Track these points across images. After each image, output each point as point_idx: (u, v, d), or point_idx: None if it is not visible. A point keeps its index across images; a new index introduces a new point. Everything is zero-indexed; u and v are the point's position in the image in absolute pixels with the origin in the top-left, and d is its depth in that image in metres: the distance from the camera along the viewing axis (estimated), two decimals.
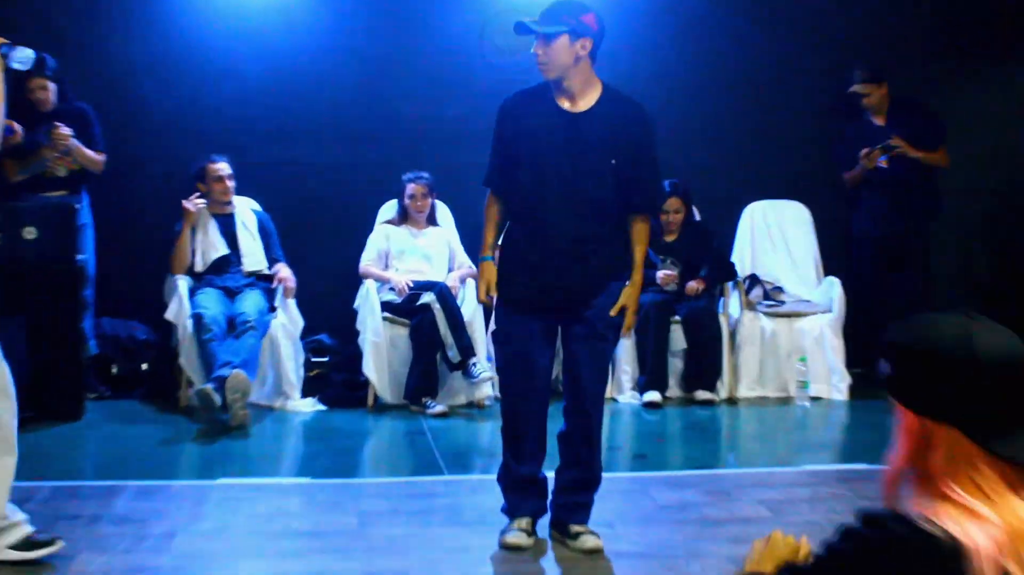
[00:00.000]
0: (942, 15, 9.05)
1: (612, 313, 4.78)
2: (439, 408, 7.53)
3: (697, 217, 8.44)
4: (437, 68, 8.54)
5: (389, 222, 8.14)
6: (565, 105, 4.76)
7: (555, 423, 4.96)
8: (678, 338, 8.13)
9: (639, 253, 4.86)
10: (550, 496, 4.99)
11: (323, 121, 8.45)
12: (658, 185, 4.98)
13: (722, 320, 8.21)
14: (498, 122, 4.87)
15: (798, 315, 8.35)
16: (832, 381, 8.16)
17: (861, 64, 8.56)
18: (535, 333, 4.82)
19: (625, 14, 8.62)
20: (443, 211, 8.26)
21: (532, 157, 4.75)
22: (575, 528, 4.87)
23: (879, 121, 8.55)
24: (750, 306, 8.39)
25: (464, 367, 7.57)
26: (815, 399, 8.00)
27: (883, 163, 8.35)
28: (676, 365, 8.18)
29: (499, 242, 4.94)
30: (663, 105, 8.27)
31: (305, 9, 8.44)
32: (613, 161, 4.73)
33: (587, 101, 4.76)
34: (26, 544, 4.37)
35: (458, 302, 7.71)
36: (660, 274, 8.08)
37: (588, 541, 4.81)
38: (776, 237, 8.88)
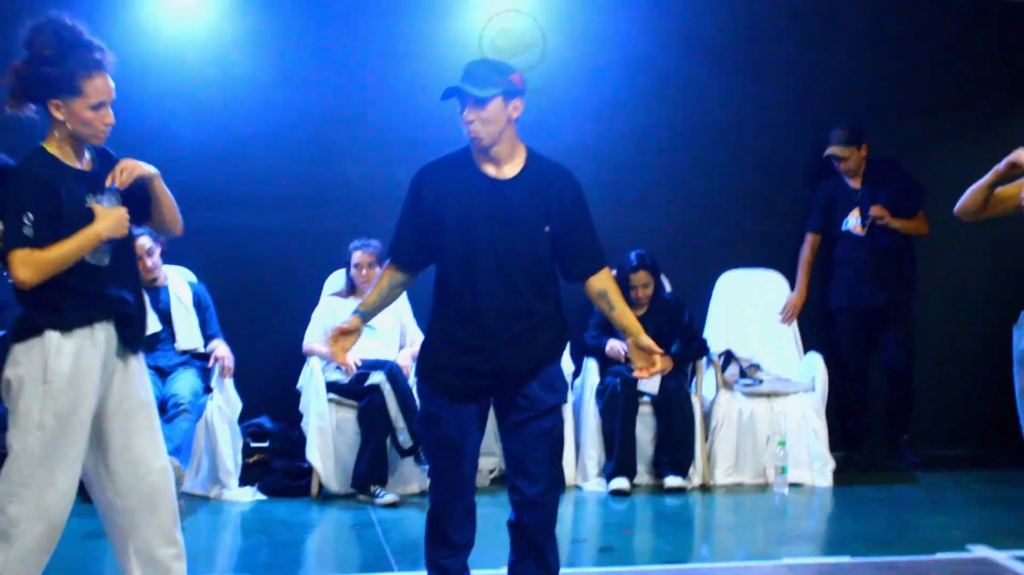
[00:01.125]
0: (923, 71, 9.04)
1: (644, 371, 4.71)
2: (389, 497, 7.30)
3: (668, 289, 8.23)
4: (386, 127, 8.35)
5: (336, 295, 7.90)
6: (491, 172, 4.61)
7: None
8: (647, 420, 7.89)
9: (618, 298, 4.75)
10: None
11: (264, 184, 8.21)
12: (600, 246, 4.75)
13: (694, 400, 7.93)
14: (413, 192, 4.68)
15: (777, 394, 8.07)
16: (814, 466, 7.90)
17: (840, 124, 8.42)
18: (464, 416, 4.65)
19: (592, 71, 8.69)
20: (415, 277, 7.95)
21: (459, 229, 4.58)
22: None
23: (855, 184, 8.43)
24: (726, 385, 8.14)
25: (416, 453, 7.40)
26: (795, 486, 7.76)
27: (858, 230, 8.22)
28: (645, 449, 7.93)
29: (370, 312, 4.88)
30: (631, 166, 8.76)
31: (244, 62, 8.22)
32: (547, 228, 4.60)
33: (513, 167, 4.63)
34: None
35: (410, 382, 7.42)
36: (610, 345, 7.89)
37: None
38: (752, 309, 8.65)
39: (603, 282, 4.72)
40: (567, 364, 7.56)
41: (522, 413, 4.62)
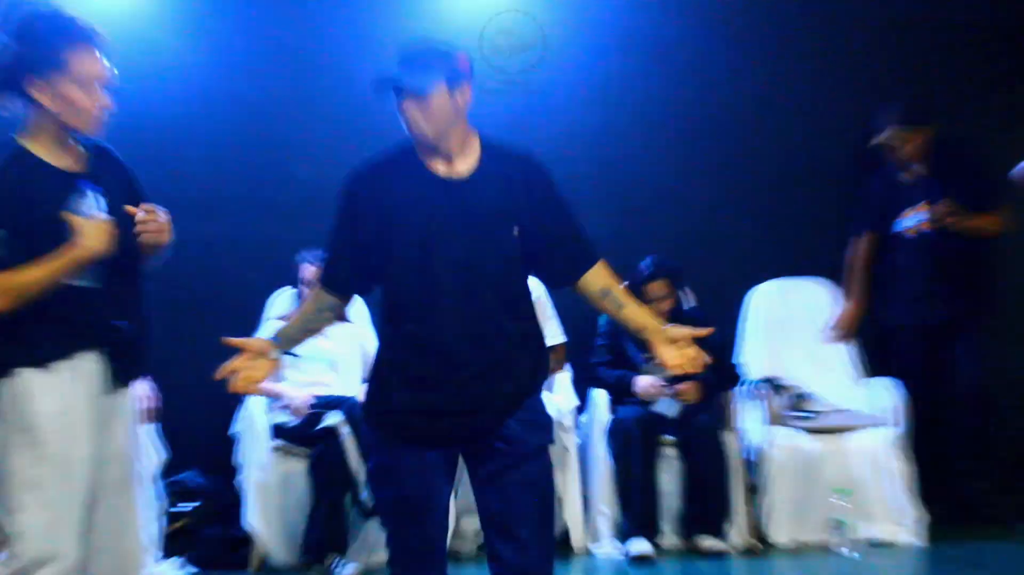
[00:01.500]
0: (994, 40, 8.30)
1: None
2: (350, 568, 6.63)
3: (691, 303, 7.56)
4: (340, 121, 7.90)
5: (283, 318, 7.22)
6: (441, 170, 4.23)
7: None
8: (671, 464, 7.20)
9: (625, 294, 4.35)
10: None
11: (195, 184, 7.67)
12: (587, 237, 4.35)
13: (730, 438, 7.19)
14: (347, 201, 4.28)
15: (843, 429, 7.34)
16: (897, 518, 7.10)
17: (892, 105, 7.45)
18: (427, 467, 4.22)
19: (593, 55, 8.25)
20: (354, 302, 7.23)
21: (409, 242, 4.19)
22: None
23: (913, 175, 7.40)
24: (776, 420, 7.42)
25: None
26: (877, 545, 6.98)
27: (914, 231, 7.31)
28: (671, 502, 7.19)
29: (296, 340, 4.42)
30: (645, 164, 8.19)
31: (174, 47, 7.87)
32: (516, 230, 4.25)
33: (468, 162, 4.26)
34: None
35: None
36: (641, 383, 7.19)
37: None
38: (795, 327, 7.94)
39: (603, 278, 4.34)
40: (570, 397, 7.22)
41: (501, 459, 4.17)
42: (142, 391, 6.66)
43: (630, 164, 8.22)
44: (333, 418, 6.78)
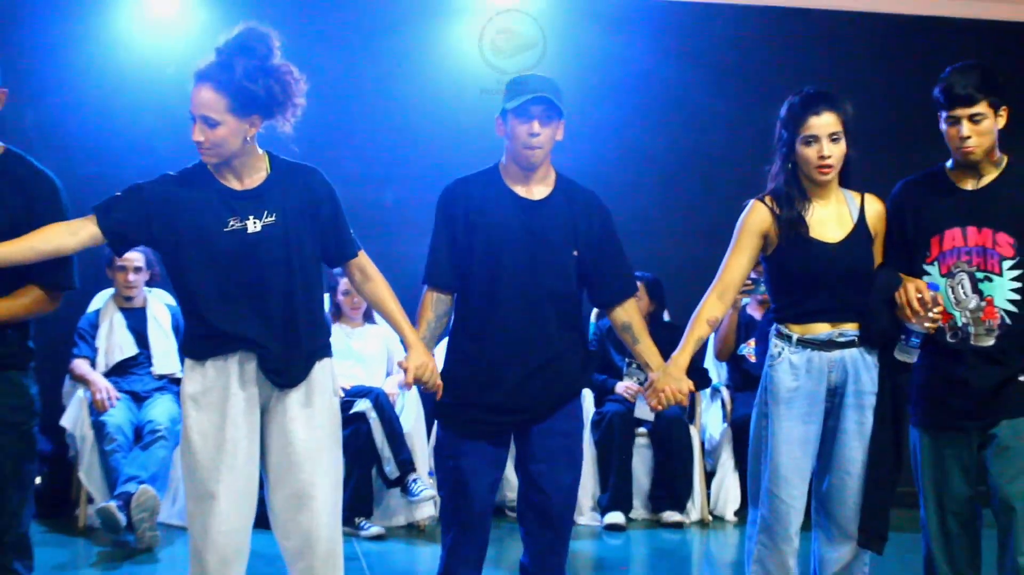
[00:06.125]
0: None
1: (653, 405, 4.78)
2: (374, 530, 7.30)
3: (667, 318, 8.19)
4: (375, 149, 8.41)
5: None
6: (521, 192, 4.67)
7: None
8: (643, 452, 8.02)
9: (643, 332, 4.87)
10: None
11: None
12: (630, 273, 4.91)
13: (693, 432, 7.96)
14: (443, 210, 4.72)
15: None
16: None
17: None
18: (482, 450, 4.71)
19: (590, 90, 8.77)
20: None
21: (486, 250, 4.64)
22: None
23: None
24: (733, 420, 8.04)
25: (403, 484, 7.38)
26: None
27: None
28: (642, 483, 8.00)
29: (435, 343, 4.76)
30: (631, 191, 8.78)
31: None
32: (575, 252, 4.67)
33: (544, 188, 4.71)
34: None
35: (397, 411, 7.48)
36: (620, 387, 7.97)
37: None
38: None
39: (629, 314, 4.80)
40: None
41: (547, 438, 4.72)
42: None
43: (620, 192, 8.02)
44: (362, 405, 7.40)
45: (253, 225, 4.23)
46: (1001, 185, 4.61)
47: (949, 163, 4.69)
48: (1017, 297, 4.55)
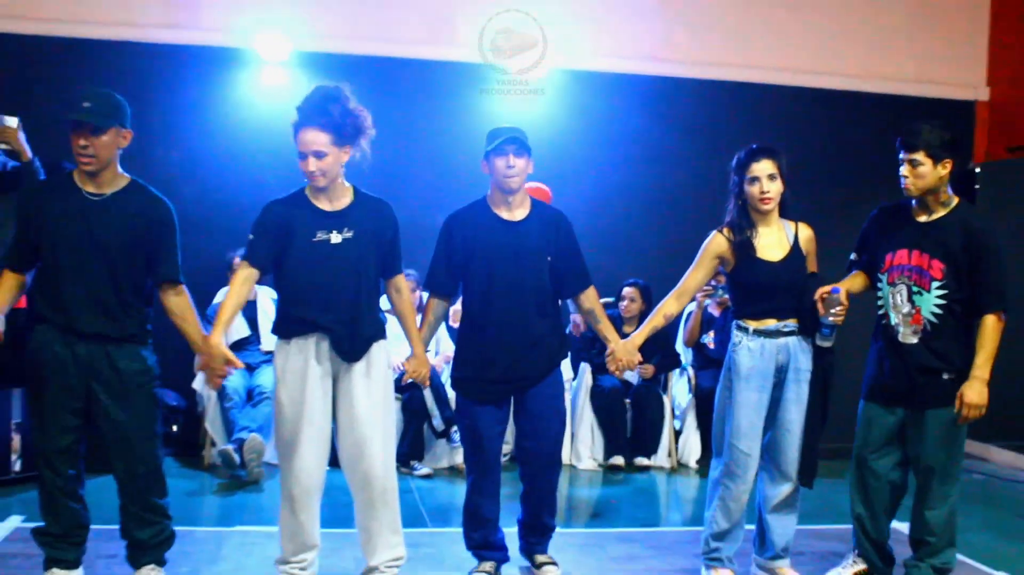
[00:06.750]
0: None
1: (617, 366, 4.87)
2: (424, 470, 7.42)
3: None
4: (430, 185, 8.21)
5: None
6: (504, 215, 4.77)
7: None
8: (627, 414, 8.06)
9: (602, 314, 4.92)
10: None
11: None
12: (586, 271, 4.92)
13: (665, 400, 8.12)
14: (446, 234, 4.83)
15: None
16: None
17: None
18: (489, 410, 4.80)
19: (586, 145, 8.55)
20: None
21: (481, 263, 4.73)
22: (539, 558, 5.02)
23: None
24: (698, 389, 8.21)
25: (447, 435, 7.49)
26: None
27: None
28: (624, 436, 8.01)
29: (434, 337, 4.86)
30: (621, 219, 8.60)
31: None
32: (548, 258, 4.77)
33: (522, 211, 4.80)
34: None
35: (442, 379, 7.56)
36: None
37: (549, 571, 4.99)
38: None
39: (590, 301, 4.92)
40: (567, 370, 7.67)
41: (537, 399, 4.80)
42: None
43: (611, 220, 8.53)
44: None
45: (336, 237, 4.33)
46: (944, 222, 4.70)
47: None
48: (939, 311, 4.69)
